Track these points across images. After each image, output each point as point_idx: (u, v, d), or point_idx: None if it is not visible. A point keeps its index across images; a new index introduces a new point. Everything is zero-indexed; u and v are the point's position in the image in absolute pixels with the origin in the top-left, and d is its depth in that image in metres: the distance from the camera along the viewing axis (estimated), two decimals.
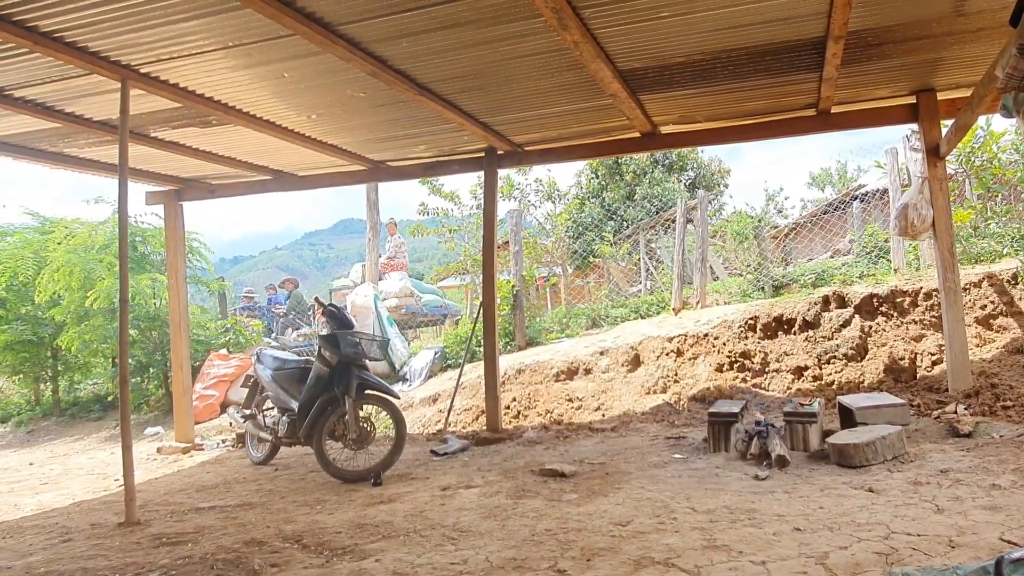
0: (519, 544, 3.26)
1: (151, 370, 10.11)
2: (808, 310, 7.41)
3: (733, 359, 7.30)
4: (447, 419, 7.42)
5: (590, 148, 6.90)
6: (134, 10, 3.86)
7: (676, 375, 7.40)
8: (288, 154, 6.91)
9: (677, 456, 5.08)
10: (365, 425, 5.35)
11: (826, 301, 7.41)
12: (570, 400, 7.59)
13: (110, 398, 10.29)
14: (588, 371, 7.96)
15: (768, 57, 4.89)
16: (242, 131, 6.04)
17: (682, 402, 7.05)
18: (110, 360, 10.38)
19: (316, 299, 6.12)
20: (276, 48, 4.44)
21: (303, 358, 6.30)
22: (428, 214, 14.07)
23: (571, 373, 8.00)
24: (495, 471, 5.11)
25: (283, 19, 3.86)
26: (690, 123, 6.42)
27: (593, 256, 14.68)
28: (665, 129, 6.55)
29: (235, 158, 6.95)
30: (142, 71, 4.64)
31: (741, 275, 10.06)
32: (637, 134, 6.57)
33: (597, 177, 18.21)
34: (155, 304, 9.69)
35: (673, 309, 9.15)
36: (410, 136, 6.51)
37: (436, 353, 9.36)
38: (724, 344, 7.46)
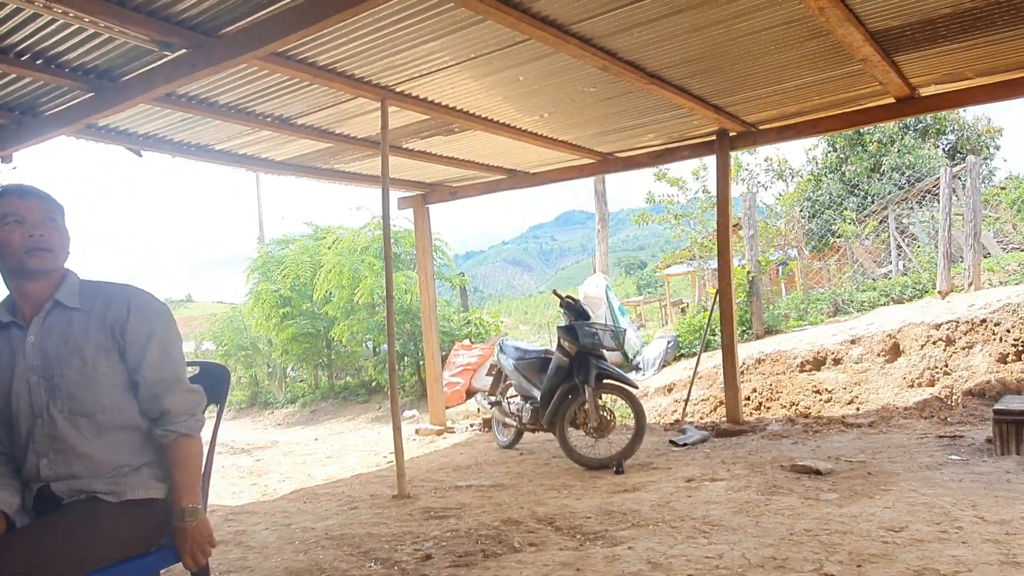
0: (776, 543, 3.14)
1: (405, 359, 11.18)
2: None
3: (1021, 348, 6.33)
4: (684, 409, 7.31)
5: (835, 120, 6.36)
6: (391, 37, 4.28)
7: (946, 366, 6.59)
8: (521, 153, 7.23)
9: (954, 457, 4.54)
10: (605, 414, 5.46)
11: None
12: (817, 392, 7.10)
13: (374, 383, 11.54)
14: (837, 361, 7.38)
15: None
16: (480, 135, 6.44)
17: (955, 397, 6.27)
18: (372, 350, 11.65)
19: (554, 291, 6.36)
20: (512, 54, 4.67)
21: (542, 348, 6.58)
22: (655, 202, 13.95)
23: (817, 363, 7.48)
24: (740, 464, 4.94)
25: (521, 26, 4.04)
26: (957, 81, 5.66)
27: (833, 236, 13.56)
28: (925, 91, 5.85)
29: (473, 161, 7.42)
30: (397, 90, 5.13)
31: (1022, 250, 8.67)
32: (891, 100, 5.94)
33: (835, 150, 16.73)
34: (407, 299, 10.68)
35: (939, 292, 8.16)
36: (638, 126, 6.49)
37: (669, 342, 9.26)
38: (1008, 331, 6.49)
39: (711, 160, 7.45)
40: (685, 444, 5.91)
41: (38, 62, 4.33)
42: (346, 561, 3.44)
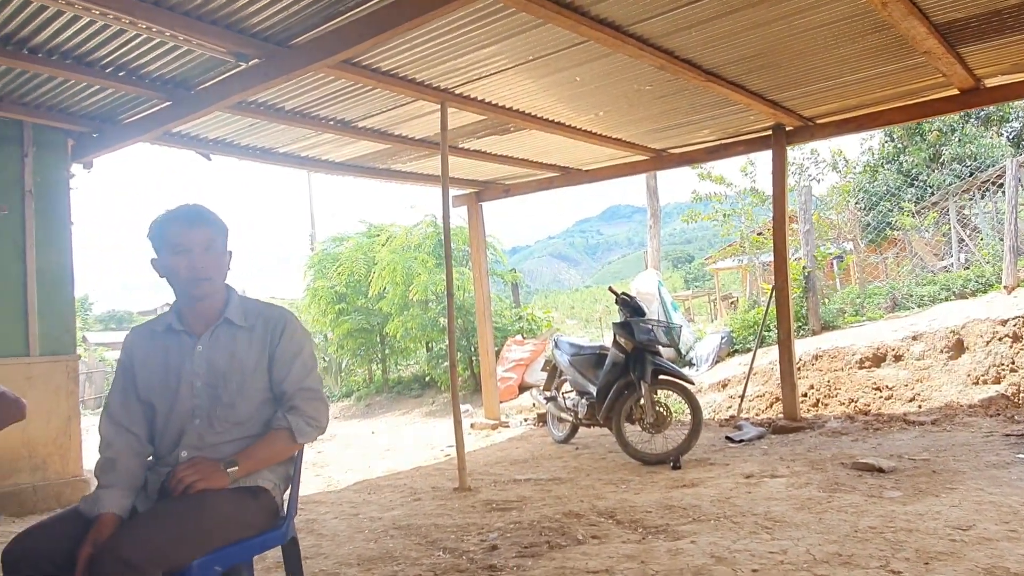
0: (841, 539, 3.16)
1: (459, 354, 11.35)
2: None
3: None
4: (740, 406, 7.29)
5: (896, 112, 6.25)
6: (453, 43, 4.41)
7: (1013, 363, 6.43)
8: (574, 151, 7.29)
9: (1022, 456, 4.46)
10: (661, 409, 5.50)
11: None
12: (877, 389, 7.00)
13: (427, 378, 11.75)
14: (898, 357, 7.26)
15: None
16: (534, 134, 6.53)
17: (1022, 395, 6.12)
18: (425, 345, 11.86)
19: (610, 288, 6.41)
20: (569, 56, 4.75)
21: (597, 344, 6.64)
22: (701, 199, 13.85)
23: (877, 359, 7.36)
24: (799, 461, 4.94)
25: (580, 28, 4.11)
26: None
27: (890, 229, 13.24)
28: (991, 82, 5.72)
29: (527, 159, 7.51)
30: (456, 92, 5.25)
31: None
32: (955, 91, 5.82)
33: (892, 140, 16.29)
34: (461, 295, 10.84)
35: (1004, 287, 7.93)
36: (692, 122, 6.49)
37: (723, 338, 9.21)
38: None
39: (758, 156, 7.39)
40: (741, 440, 5.91)
41: (120, 74, 4.58)
42: (415, 550, 3.57)
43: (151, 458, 2.08)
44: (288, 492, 2.18)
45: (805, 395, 7.24)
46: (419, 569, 3.25)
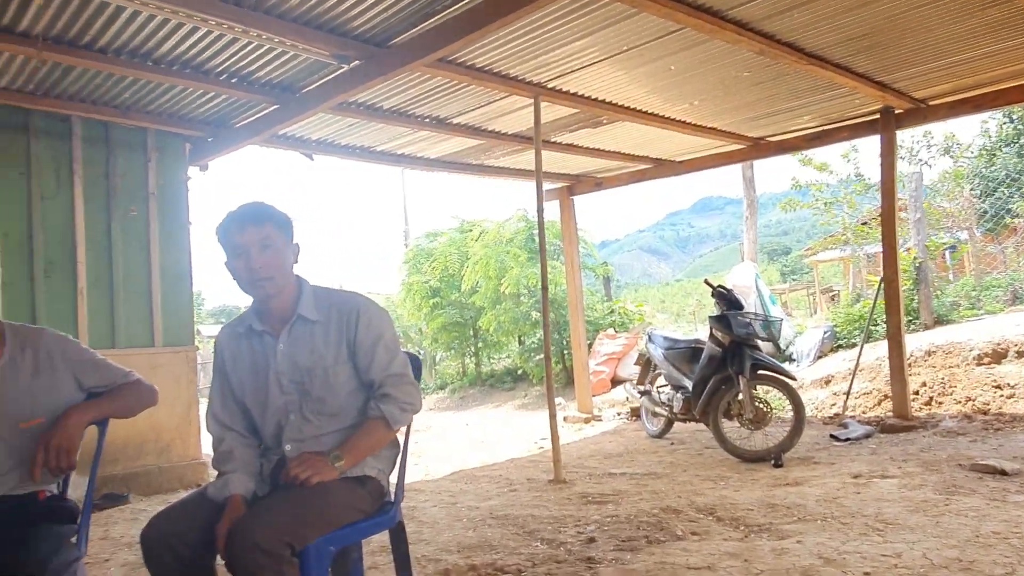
0: (961, 544, 2.98)
1: (552, 348, 11.39)
2: None
3: None
4: (845, 403, 6.98)
5: (1016, 92, 5.78)
6: (545, 37, 4.42)
7: None
8: (668, 142, 7.16)
9: None
10: (761, 405, 5.34)
11: None
12: (998, 387, 6.54)
13: (519, 372, 11.86)
14: (1021, 354, 6.76)
15: None
16: (627, 126, 6.46)
17: None
18: (517, 339, 11.97)
19: (706, 281, 6.28)
20: (664, 44, 4.67)
21: (692, 338, 6.52)
22: (800, 187, 13.34)
23: (997, 356, 6.88)
24: (912, 462, 4.69)
25: (676, 15, 4.03)
26: None
27: (1009, 216, 12.32)
28: None
29: (619, 151, 7.44)
30: (549, 86, 5.27)
31: None
32: None
33: (1011, 121, 15.14)
34: (553, 289, 10.88)
35: None
36: (793, 108, 6.25)
37: (826, 332, 8.84)
38: None
39: (861, 143, 7.04)
40: (847, 439, 5.66)
41: (233, 80, 4.85)
42: (513, 539, 3.63)
43: (260, 447, 2.18)
44: (393, 478, 2.26)
45: (916, 393, 6.85)
46: (518, 559, 3.30)
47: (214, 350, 2.20)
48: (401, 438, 2.38)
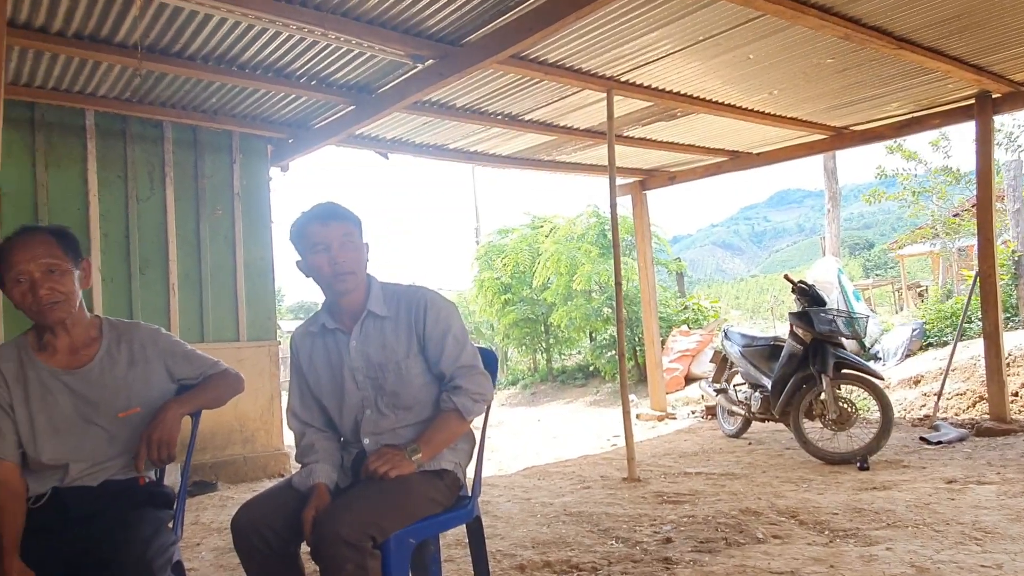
0: None
1: (624, 344, 11.29)
2: None
3: None
4: (936, 404, 6.64)
5: None
6: (618, 29, 4.37)
7: None
8: (745, 133, 6.97)
9: None
10: (845, 405, 5.14)
11: None
12: None
13: (591, 368, 11.80)
14: None
15: None
16: (702, 118, 6.31)
17: None
18: (588, 335, 11.91)
19: (786, 276, 6.08)
20: (742, 33, 4.54)
21: (770, 335, 6.33)
22: (886, 177, 12.77)
23: None
24: (1012, 467, 4.42)
25: (755, 2, 3.91)
26: None
27: None
28: None
29: (694, 144, 7.29)
30: (622, 80, 5.20)
31: None
32: None
33: None
34: (626, 285, 10.78)
35: None
36: (879, 95, 5.98)
37: (914, 330, 8.43)
38: None
39: (952, 130, 6.66)
40: (939, 442, 5.39)
41: (312, 82, 5.00)
42: (588, 537, 3.61)
43: (341, 440, 2.24)
44: (470, 472, 2.28)
45: (1016, 394, 6.45)
46: (593, 556, 3.28)
47: (291, 351, 2.26)
48: (477, 434, 2.40)
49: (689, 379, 9.81)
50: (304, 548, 2.01)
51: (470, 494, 2.28)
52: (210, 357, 2.22)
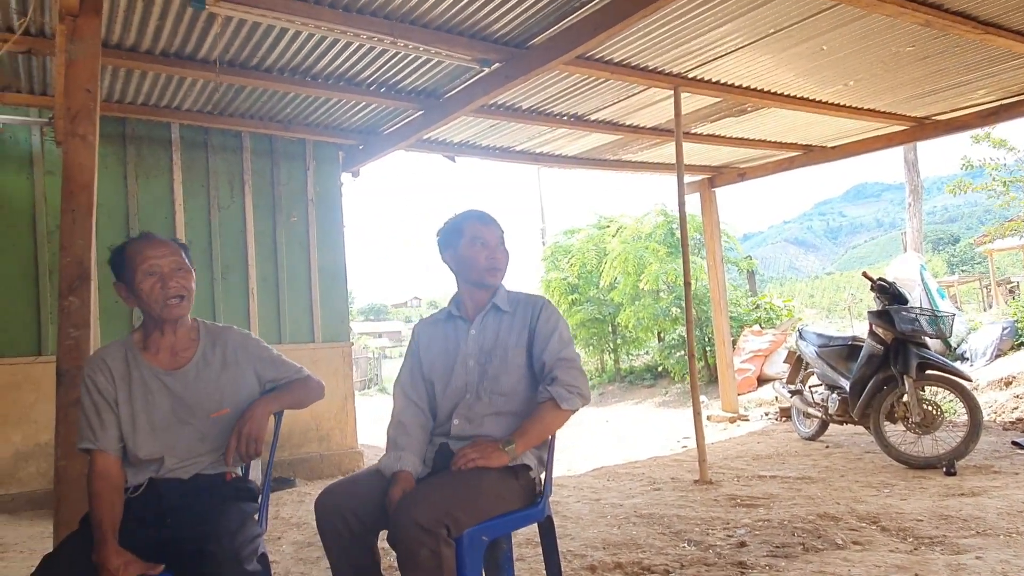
0: None
1: (694, 344, 11.11)
2: None
3: None
4: None
5: None
6: (685, 26, 4.32)
7: None
8: (818, 127, 6.77)
9: None
10: (929, 408, 4.92)
11: None
12: None
13: (659, 368, 11.65)
14: None
15: None
16: (773, 112, 6.16)
17: None
18: (656, 335, 11.77)
19: (864, 273, 5.87)
20: (814, 24, 4.41)
21: (848, 335, 6.12)
22: (973, 167, 12.14)
23: None
24: None
25: None
26: None
27: None
28: None
29: (765, 140, 7.12)
30: (689, 76, 5.13)
31: None
32: None
33: None
34: (695, 284, 10.60)
35: None
36: (963, 83, 5.71)
37: (1005, 329, 8.00)
38: None
39: None
40: None
41: (382, 90, 5.12)
42: (659, 539, 3.57)
43: (431, 428, 2.35)
44: (543, 472, 2.31)
45: None
46: (665, 559, 3.25)
47: (411, 337, 2.48)
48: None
49: (762, 380, 9.58)
50: (382, 538, 2.08)
51: (541, 494, 2.30)
52: (295, 363, 2.33)
